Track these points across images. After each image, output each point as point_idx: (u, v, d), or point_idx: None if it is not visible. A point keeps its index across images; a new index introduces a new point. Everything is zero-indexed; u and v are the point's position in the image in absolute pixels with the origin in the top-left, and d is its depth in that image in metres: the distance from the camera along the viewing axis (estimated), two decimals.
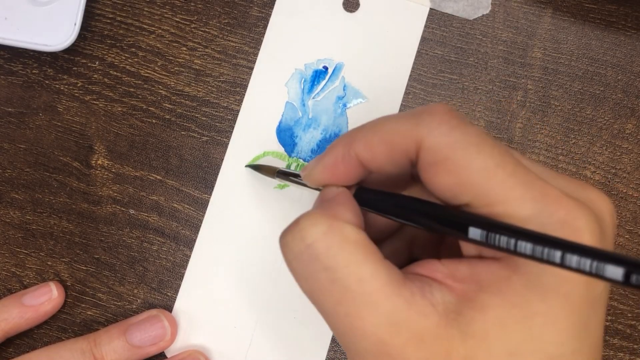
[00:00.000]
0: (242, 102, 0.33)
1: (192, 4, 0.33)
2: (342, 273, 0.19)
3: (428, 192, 0.21)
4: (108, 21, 0.33)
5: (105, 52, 0.33)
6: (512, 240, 0.17)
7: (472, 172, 0.18)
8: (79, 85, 0.33)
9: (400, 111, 0.32)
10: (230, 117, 0.33)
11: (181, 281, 0.32)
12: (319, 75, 0.32)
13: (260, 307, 0.31)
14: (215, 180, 0.32)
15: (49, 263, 0.32)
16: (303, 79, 0.32)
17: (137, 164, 0.33)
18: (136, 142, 0.33)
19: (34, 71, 0.33)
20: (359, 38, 0.33)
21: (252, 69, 0.33)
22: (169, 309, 0.31)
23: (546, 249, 0.16)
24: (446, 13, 0.33)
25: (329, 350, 0.31)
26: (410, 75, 0.32)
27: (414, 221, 0.20)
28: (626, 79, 0.32)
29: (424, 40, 0.32)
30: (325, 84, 0.32)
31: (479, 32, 0.32)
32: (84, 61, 0.33)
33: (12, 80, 0.33)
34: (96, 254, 0.32)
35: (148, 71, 0.33)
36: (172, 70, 0.33)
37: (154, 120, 0.33)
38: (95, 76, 0.33)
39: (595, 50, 0.32)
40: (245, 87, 0.33)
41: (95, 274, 0.32)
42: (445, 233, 0.20)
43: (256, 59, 0.33)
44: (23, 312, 0.30)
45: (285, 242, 0.20)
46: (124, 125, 0.33)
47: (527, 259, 0.17)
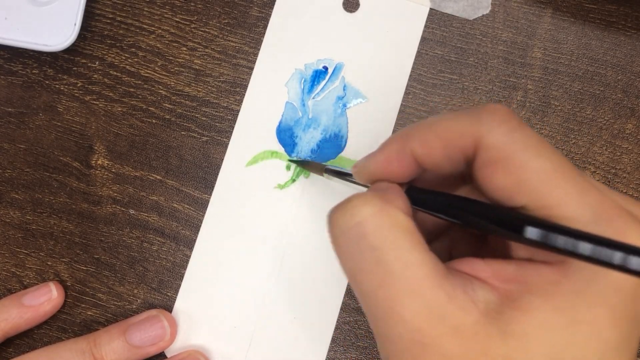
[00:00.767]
0: (242, 102, 0.33)
1: (192, 4, 0.33)
2: (389, 255, 0.19)
3: (477, 193, 0.21)
4: (108, 21, 0.33)
5: (105, 52, 0.33)
6: (572, 241, 0.17)
7: (530, 173, 0.18)
8: (79, 85, 0.33)
9: (400, 112, 0.32)
10: (230, 117, 0.33)
11: (181, 281, 0.32)
12: (319, 75, 0.32)
13: (260, 307, 0.31)
14: (215, 180, 0.32)
15: (49, 263, 0.32)
16: (303, 79, 0.32)
17: (137, 164, 0.33)
18: (136, 142, 0.33)
19: (34, 71, 0.33)
20: (359, 38, 0.33)
21: (252, 69, 0.33)
22: (169, 309, 0.31)
23: (607, 251, 0.16)
24: (446, 13, 0.33)
25: (329, 350, 0.31)
26: (410, 75, 0.32)
27: (467, 221, 0.20)
28: (626, 79, 0.32)
29: (424, 40, 0.32)
30: (325, 84, 0.32)
31: (479, 32, 0.32)
32: (84, 61, 0.33)
33: (12, 80, 0.33)
34: (96, 254, 0.32)
35: (148, 71, 0.33)
36: (172, 70, 0.33)
37: (154, 120, 0.33)
38: (95, 76, 0.33)
39: (595, 50, 0.32)
40: (245, 87, 0.33)
41: (95, 274, 0.32)
42: (499, 234, 0.19)
43: (256, 59, 0.33)
44: (23, 312, 0.30)
45: (334, 218, 0.20)
46: (124, 125, 0.33)
47: (586, 261, 0.17)
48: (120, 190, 0.32)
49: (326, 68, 0.32)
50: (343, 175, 0.26)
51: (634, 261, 0.15)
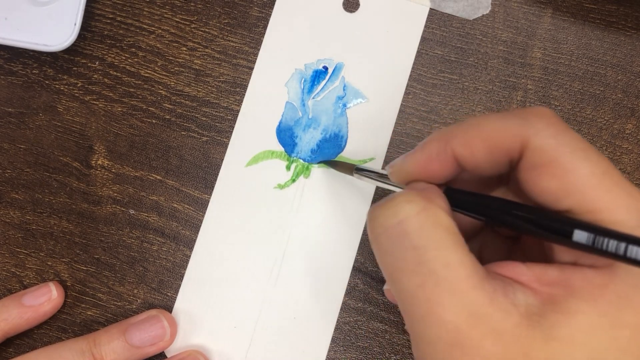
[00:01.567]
0: (242, 102, 0.33)
1: (192, 4, 0.33)
2: (430, 255, 0.19)
3: (512, 195, 0.22)
4: (108, 21, 0.33)
5: (105, 52, 0.33)
6: (623, 245, 0.17)
7: (578, 177, 0.18)
8: (79, 85, 0.33)
9: (400, 112, 0.32)
10: (230, 117, 0.33)
11: (181, 281, 0.32)
12: (319, 75, 0.32)
13: (260, 307, 0.31)
14: (215, 180, 0.32)
15: (49, 263, 0.32)
16: (303, 79, 0.32)
17: (137, 164, 0.33)
18: (136, 142, 0.33)
19: (34, 71, 0.33)
20: (359, 38, 0.33)
21: (252, 69, 0.33)
22: (169, 309, 0.31)
23: None
24: (446, 13, 0.33)
25: (329, 351, 0.31)
26: (410, 75, 0.32)
27: (511, 224, 0.20)
28: (626, 79, 0.32)
29: (424, 40, 0.32)
30: (325, 84, 0.32)
31: (479, 32, 0.32)
32: (84, 61, 0.33)
33: (12, 80, 0.33)
34: (96, 254, 0.32)
35: (148, 71, 0.33)
36: (172, 70, 0.33)
37: (154, 120, 0.33)
38: (95, 76, 0.33)
39: (595, 50, 0.32)
40: (245, 87, 0.33)
41: (95, 274, 0.32)
42: (545, 237, 0.19)
43: (256, 59, 0.33)
44: (23, 312, 0.30)
45: (375, 216, 0.20)
46: (124, 125, 0.33)
47: (636, 265, 0.17)
48: (120, 190, 0.32)
49: (326, 68, 0.32)
50: (375, 175, 0.26)
51: None
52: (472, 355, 0.18)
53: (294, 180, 0.32)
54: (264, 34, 0.33)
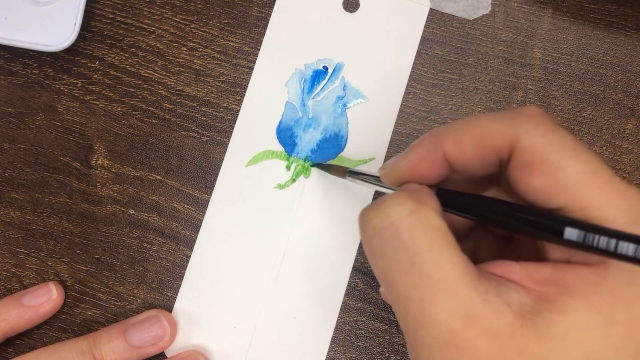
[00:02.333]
0: (242, 102, 0.33)
1: (192, 4, 0.33)
2: (423, 256, 0.19)
3: (504, 195, 0.22)
4: (108, 21, 0.33)
5: (105, 52, 0.33)
6: (613, 242, 0.17)
7: (569, 175, 0.19)
8: (79, 85, 0.33)
9: (400, 112, 0.32)
10: (230, 117, 0.33)
11: (181, 281, 0.32)
12: (319, 75, 0.32)
13: (260, 307, 0.31)
14: (215, 180, 0.32)
15: (49, 263, 0.32)
16: (303, 79, 0.32)
17: (137, 164, 0.33)
18: (136, 142, 0.33)
19: (34, 71, 0.33)
20: (359, 38, 0.33)
21: (252, 69, 0.33)
22: (169, 309, 0.31)
23: None
24: (446, 13, 0.33)
25: (329, 351, 0.31)
26: (410, 75, 0.32)
27: (503, 224, 0.20)
28: (626, 79, 0.32)
29: (424, 40, 0.32)
30: (325, 84, 0.32)
31: (479, 32, 0.32)
32: (84, 61, 0.33)
33: (12, 80, 0.33)
34: (96, 254, 0.32)
35: (148, 71, 0.33)
36: (172, 70, 0.33)
37: (154, 120, 0.33)
38: (95, 76, 0.33)
39: (595, 50, 0.32)
40: (245, 87, 0.33)
41: (95, 274, 0.32)
42: (537, 236, 0.20)
43: (256, 59, 0.33)
44: (23, 313, 0.30)
45: (367, 218, 0.20)
46: (124, 125, 0.33)
47: (628, 262, 0.17)
48: (120, 190, 0.32)
49: (326, 68, 0.32)
50: (368, 177, 0.26)
51: None
52: (466, 356, 0.18)
53: (294, 180, 0.32)
54: (264, 34, 0.33)
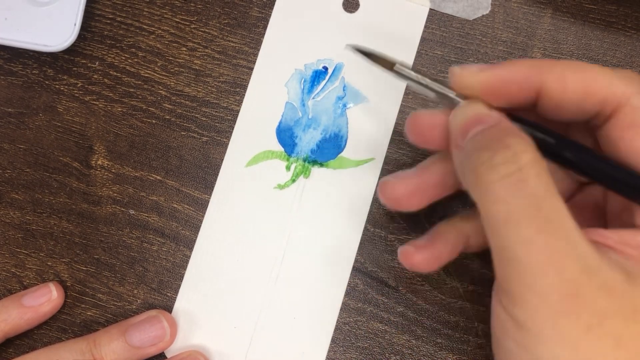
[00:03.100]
0: (242, 102, 0.33)
1: (192, 4, 0.33)
2: (548, 203, 0.19)
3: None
4: (108, 21, 0.33)
5: (105, 53, 0.33)
6: None
7: None
8: (78, 85, 0.33)
9: (400, 112, 0.32)
10: (230, 117, 0.33)
11: (181, 281, 0.32)
12: (318, 75, 0.32)
13: (260, 307, 0.31)
14: (215, 180, 0.32)
15: (49, 263, 0.32)
16: (303, 79, 0.32)
17: (137, 164, 0.33)
18: (136, 142, 0.33)
19: (34, 71, 0.33)
20: (359, 38, 0.33)
21: (252, 69, 0.33)
22: (169, 309, 0.31)
23: None
24: (446, 13, 0.33)
25: (329, 351, 0.31)
26: None
27: (592, 174, 0.20)
28: None
29: (424, 40, 0.32)
30: (325, 84, 0.32)
31: (479, 32, 0.32)
32: (84, 61, 0.33)
33: (12, 81, 0.33)
34: (96, 254, 0.32)
35: (148, 71, 0.33)
36: (172, 70, 0.33)
37: (153, 121, 0.33)
38: (95, 76, 0.33)
39: (595, 51, 0.32)
40: (245, 87, 0.33)
41: (95, 274, 0.32)
42: (624, 193, 0.20)
43: (256, 59, 0.33)
44: (23, 313, 0.30)
45: (491, 162, 0.20)
46: (124, 126, 0.33)
47: None
48: (120, 190, 0.32)
49: (326, 68, 0.33)
50: (420, 77, 0.24)
51: None
52: (586, 308, 0.18)
53: (294, 180, 0.32)
54: (264, 34, 0.33)
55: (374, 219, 0.31)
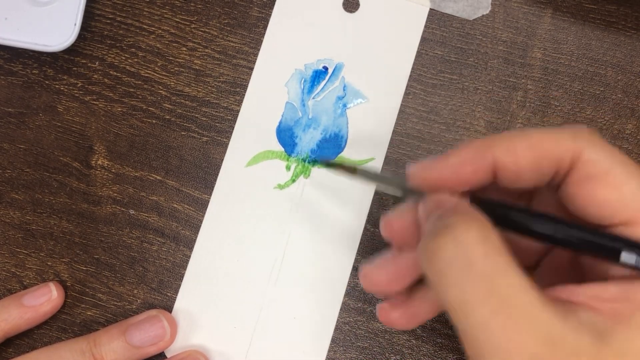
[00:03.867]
0: (242, 102, 0.33)
1: (192, 4, 0.33)
2: (500, 282, 0.18)
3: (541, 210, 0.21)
4: (108, 21, 0.33)
5: (105, 53, 0.33)
6: None
7: (633, 188, 0.19)
8: (79, 85, 0.33)
9: (400, 111, 0.32)
10: (230, 117, 0.33)
11: (181, 281, 0.32)
12: (319, 75, 0.32)
13: (260, 307, 0.31)
14: (215, 180, 0.32)
15: (49, 263, 0.32)
16: (303, 79, 0.32)
17: (137, 164, 0.33)
18: (136, 142, 0.33)
19: (34, 71, 0.33)
20: (359, 38, 0.33)
21: (252, 69, 0.33)
22: (169, 309, 0.31)
23: None
24: (446, 13, 0.33)
25: (329, 351, 0.31)
26: (410, 75, 0.32)
27: (553, 239, 0.20)
28: (626, 79, 0.32)
29: (424, 40, 0.32)
30: (325, 84, 0.32)
31: (479, 32, 0.32)
32: (84, 61, 0.33)
33: (12, 81, 0.33)
34: (96, 254, 0.32)
35: (148, 71, 0.33)
36: (172, 70, 0.33)
37: (154, 121, 0.33)
38: (95, 76, 0.33)
39: (595, 50, 0.32)
40: (245, 87, 0.33)
41: (95, 274, 0.32)
42: (590, 254, 0.20)
43: (256, 59, 0.33)
44: (23, 313, 0.30)
45: (436, 247, 0.19)
46: (124, 126, 0.33)
47: None
48: (120, 190, 0.32)
49: (326, 68, 0.33)
50: (381, 177, 0.25)
51: None
52: None
53: (294, 180, 0.32)
54: (264, 34, 0.33)
55: (374, 219, 0.31)
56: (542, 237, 0.20)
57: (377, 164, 0.32)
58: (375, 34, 0.33)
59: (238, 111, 0.33)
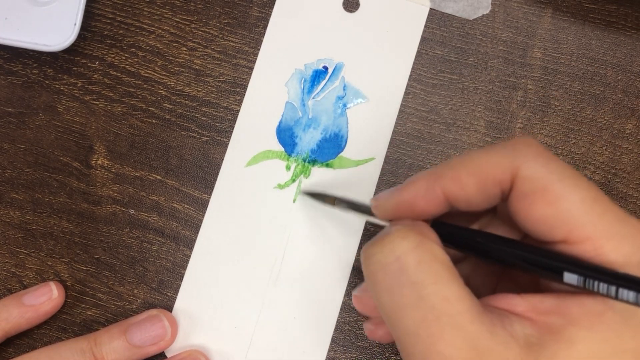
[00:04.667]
0: (242, 102, 0.33)
1: (192, 4, 0.33)
2: (430, 290, 0.18)
3: (501, 226, 0.22)
4: (108, 21, 0.33)
5: (105, 52, 0.33)
6: (613, 288, 0.17)
7: (571, 203, 0.19)
8: (79, 85, 0.33)
9: (400, 112, 0.32)
10: (230, 117, 0.33)
11: (181, 281, 0.32)
12: (319, 75, 0.32)
13: (260, 307, 0.31)
14: (215, 180, 0.32)
15: (49, 263, 0.32)
16: (303, 79, 0.32)
17: (137, 164, 0.33)
18: (136, 142, 0.33)
19: (34, 71, 0.33)
20: (359, 38, 0.33)
21: (252, 69, 0.33)
22: (169, 309, 0.31)
23: None
24: (446, 13, 0.33)
25: (329, 351, 0.31)
26: (410, 75, 0.32)
27: (500, 260, 0.20)
28: (626, 79, 0.32)
29: (424, 40, 0.32)
30: (325, 84, 0.32)
31: (479, 32, 0.32)
32: (84, 61, 0.33)
33: (12, 80, 0.33)
34: (96, 254, 0.32)
35: (148, 71, 0.33)
36: (172, 70, 0.33)
37: (154, 120, 0.33)
38: (95, 76, 0.33)
39: (595, 50, 0.32)
40: (245, 87, 0.33)
41: (95, 274, 0.32)
42: (535, 273, 0.20)
43: (256, 59, 0.33)
44: (23, 312, 0.30)
45: (371, 253, 0.20)
46: (124, 125, 0.33)
47: (630, 305, 0.17)
48: (120, 190, 0.32)
49: (326, 68, 0.33)
50: (358, 207, 0.26)
51: None
52: None
53: (294, 180, 0.32)
54: (264, 34, 0.33)
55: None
56: (489, 257, 0.21)
57: (377, 164, 0.32)
58: (375, 34, 0.32)
59: (238, 111, 0.33)
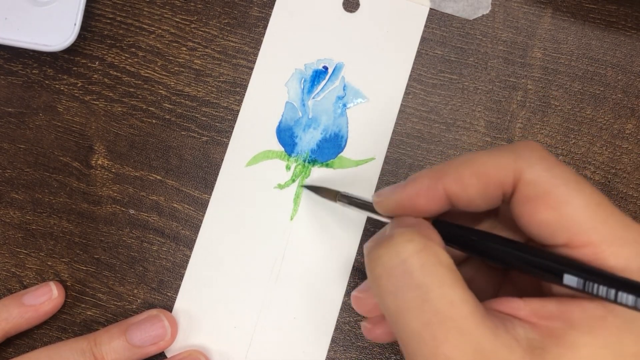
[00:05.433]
0: (242, 102, 0.33)
1: (192, 4, 0.33)
2: (435, 293, 0.18)
3: (503, 228, 0.22)
4: (108, 21, 0.33)
5: (105, 52, 0.33)
6: (612, 291, 0.17)
7: (574, 208, 0.19)
8: (79, 85, 0.33)
9: (400, 112, 0.32)
10: (230, 117, 0.33)
11: (181, 281, 0.32)
12: (319, 75, 0.32)
13: (260, 307, 0.31)
14: (215, 180, 0.32)
15: (49, 263, 0.32)
16: (303, 79, 0.32)
17: (137, 164, 0.33)
18: (136, 142, 0.33)
19: (34, 71, 0.33)
20: (359, 38, 0.33)
21: (252, 69, 0.33)
22: (169, 309, 0.31)
23: None
24: (446, 13, 0.33)
25: (329, 351, 0.31)
26: (410, 75, 0.32)
27: (501, 261, 0.20)
28: (626, 79, 0.32)
29: (424, 40, 0.32)
30: (325, 84, 0.32)
31: (479, 32, 0.32)
32: (84, 61, 0.33)
33: (12, 80, 0.33)
34: (96, 254, 0.32)
35: (148, 71, 0.33)
36: (172, 70, 0.33)
37: (154, 120, 0.33)
38: (95, 76, 0.33)
39: (595, 50, 0.32)
40: (245, 87, 0.33)
41: (95, 274, 0.32)
42: (536, 275, 0.20)
43: (256, 59, 0.33)
44: (23, 312, 0.30)
45: (376, 256, 0.20)
46: (124, 125, 0.33)
47: (629, 309, 0.17)
48: (120, 190, 0.32)
49: (326, 68, 0.33)
50: (360, 202, 0.26)
51: None
52: None
53: (294, 180, 0.32)
54: (264, 34, 0.33)
55: (374, 219, 0.31)
56: (490, 258, 0.21)
57: (377, 164, 0.32)
58: (375, 34, 0.32)
59: (238, 111, 0.33)
